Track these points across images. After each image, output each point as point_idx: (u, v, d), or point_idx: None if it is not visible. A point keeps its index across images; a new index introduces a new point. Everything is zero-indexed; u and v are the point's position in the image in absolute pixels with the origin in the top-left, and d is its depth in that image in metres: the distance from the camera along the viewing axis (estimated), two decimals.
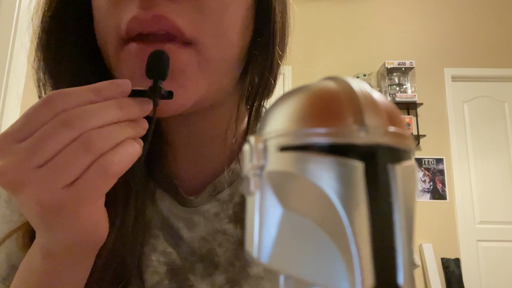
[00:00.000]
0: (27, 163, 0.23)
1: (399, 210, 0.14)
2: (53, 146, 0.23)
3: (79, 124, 0.23)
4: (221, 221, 0.40)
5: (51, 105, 0.24)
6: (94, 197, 0.25)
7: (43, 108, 0.24)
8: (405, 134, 0.15)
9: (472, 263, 2.98)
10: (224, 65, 0.34)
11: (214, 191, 0.41)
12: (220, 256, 0.39)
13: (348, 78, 0.16)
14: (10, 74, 1.34)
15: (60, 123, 0.23)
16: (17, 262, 0.36)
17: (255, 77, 0.37)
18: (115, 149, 0.25)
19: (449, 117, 3.19)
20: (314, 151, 0.14)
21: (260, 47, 0.36)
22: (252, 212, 0.16)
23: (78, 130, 0.23)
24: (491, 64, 3.25)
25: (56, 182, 0.23)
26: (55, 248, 0.28)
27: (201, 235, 0.40)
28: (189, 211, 0.40)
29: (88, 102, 0.25)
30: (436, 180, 3.11)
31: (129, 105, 0.27)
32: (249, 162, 0.16)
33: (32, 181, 0.23)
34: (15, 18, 1.39)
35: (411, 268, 0.14)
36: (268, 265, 0.15)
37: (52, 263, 0.29)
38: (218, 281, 0.38)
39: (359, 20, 3.37)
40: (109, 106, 0.25)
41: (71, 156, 0.23)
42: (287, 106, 0.16)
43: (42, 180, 0.23)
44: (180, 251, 0.39)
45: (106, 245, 0.33)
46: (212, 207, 0.40)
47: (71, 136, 0.23)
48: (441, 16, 3.36)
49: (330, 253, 0.13)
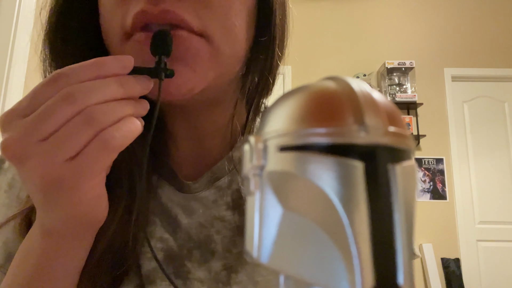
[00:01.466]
0: (31, 136, 0.24)
1: (399, 210, 0.14)
2: (56, 120, 0.24)
3: (81, 99, 0.24)
4: (219, 208, 0.40)
5: (56, 82, 0.25)
6: (95, 171, 0.26)
7: (48, 85, 0.25)
8: (405, 134, 0.15)
9: (472, 263, 2.98)
10: (231, 60, 0.35)
11: (212, 177, 0.41)
12: (217, 243, 0.39)
13: (348, 78, 0.16)
14: (10, 74, 1.34)
15: (63, 98, 0.24)
16: (14, 250, 0.37)
17: (255, 77, 0.38)
18: (116, 125, 0.25)
19: (449, 117, 3.19)
20: (314, 151, 0.14)
21: (261, 48, 0.38)
22: (252, 212, 0.16)
23: (80, 105, 0.24)
24: (491, 64, 3.25)
25: (59, 155, 0.24)
26: (55, 225, 0.28)
27: (199, 221, 0.40)
28: (187, 197, 0.40)
29: (92, 77, 0.25)
30: (436, 180, 3.11)
31: (130, 83, 0.27)
32: (249, 162, 0.16)
33: (35, 154, 0.24)
34: (15, 18, 1.39)
35: (411, 268, 0.14)
36: (268, 265, 0.15)
37: (52, 241, 0.29)
38: (215, 267, 0.38)
39: (359, 20, 3.37)
40: (110, 82, 0.26)
41: (73, 130, 0.24)
42: (287, 106, 0.16)
43: (45, 153, 0.24)
44: (177, 238, 0.39)
45: (108, 230, 0.34)
46: (211, 194, 0.41)
47: (73, 111, 0.24)
48: (441, 16, 3.36)
49: (330, 253, 0.13)
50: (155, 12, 0.30)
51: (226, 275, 0.38)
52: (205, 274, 0.38)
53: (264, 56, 0.38)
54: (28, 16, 1.43)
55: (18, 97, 1.36)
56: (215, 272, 0.38)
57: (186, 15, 0.30)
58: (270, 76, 0.39)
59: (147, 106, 0.29)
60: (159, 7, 0.30)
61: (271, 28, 0.37)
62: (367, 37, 3.34)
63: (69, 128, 0.24)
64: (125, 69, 0.27)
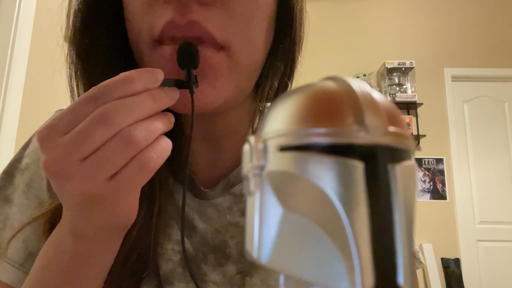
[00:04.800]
0: (71, 156, 0.25)
1: (399, 210, 0.14)
2: (94, 141, 0.25)
3: (119, 120, 0.25)
4: (234, 214, 0.42)
5: (95, 99, 0.26)
6: (134, 189, 0.28)
7: (85, 102, 0.26)
8: (405, 134, 0.15)
9: (472, 263, 2.98)
10: (250, 69, 0.36)
11: (228, 184, 0.42)
12: (232, 248, 0.40)
13: (348, 78, 0.16)
14: (10, 74, 1.34)
15: (99, 119, 0.25)
16: (34, 249, 0.39)
17: (275, 82, 0.40)
18: (152, 145, 0.26)
19: (449, 117, 3.18)
20: (314, 151, 0.14)
21: (280, 54, 0.39)
22: (252, 212, 0.16)
23: (117, 126, 0.25)
24: (491, 64, 3.25)
25: (99, 175, 0.25)
26: (89, 231, 0.30)
27: (214, 227, 0.41)
28: (203, 203, 0.42)
29: (126, 93, 0.26)
30: (436, 180, 3.11)
31: (161, 96, 0.28)
32: (249, 162, 0.16)
33: (77, 173, 0.25)
34: (15, 18, 1.38)
35: (411, 268, 0.14)
36: (268, 265, 0.15)
37: (84, 245, 0.30)
38: (230, 271, 0.39)
39: (359, 20, 3.37)
40: (144, 99, 0.27)
41: (111, 152, 0.25)
42: (287, 106, 0.16)
43: (86, 172, 0.25)
44: (193, 242, 0.40)
45: (132, 232, 0.35)
46: (226, 200, 0.42)
47: (110, 132, 0.25)
48: (441, 16, 3.36)
49: (330, 253, 0.13)
50: (182, 23, 0.31)
51: (241, 279, 0.39)
52: (220, 277, 0.39)
53: (284, 61, 0.39)
54: (28, 16, 1.43)
55: (18, 97, 1.36)
56: (230, 276, 0.39)
57: (211, 27, 0.32)
58: (289, 80, 0.41)
59: (173, 119, 0.30)
60: (187, 18, 0.31)
61: (291, 34, 0.39)
62: (367, 37, 3.34)
63: (107, 150, 0.25)
64: (156, 83, 0.28)
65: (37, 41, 1.44)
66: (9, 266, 0.39)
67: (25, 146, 0.45)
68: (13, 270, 0.39)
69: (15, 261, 0.39)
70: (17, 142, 1.35)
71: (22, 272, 0.39)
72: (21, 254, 0.39)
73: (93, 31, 0.37)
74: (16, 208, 0.41)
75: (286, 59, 0.40)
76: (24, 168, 0.43)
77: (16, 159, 0.44)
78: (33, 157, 0.43)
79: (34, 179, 0.42)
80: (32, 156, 0.43)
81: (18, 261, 0.39)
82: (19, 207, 0.41)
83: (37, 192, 0.42)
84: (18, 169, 0.43)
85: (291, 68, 0.41)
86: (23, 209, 0.41)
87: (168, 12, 0.31)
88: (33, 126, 0.46)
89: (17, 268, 0.39)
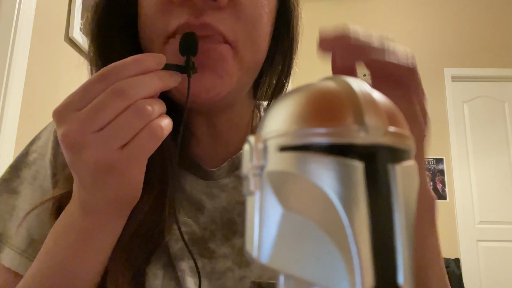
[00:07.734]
0: (88, 127, 0.27)
1: (399, 210, 0.14)
2: (110, 112, 0.27)
3: (133, 93, 0.28)
4: (239, 194, 0.44)
5: (105, 78, 0.29)
6: (143, 157, 0.30)
7: (98, 81, 0.29)
8: (405, 134, 0.15)
9: (472, 263, 2.98)
10: (251, 67, 0.39)
11: (232, 166, 0.45)
12: (239, 224, 0.42)
13: (348, 78, 0.16)
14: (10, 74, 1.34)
15: (114, 93, 0.28)
16: (37, 236, 0.41)
17: (274, 80, 0.44)
18: (160, 117, 0.30)
19: (449, 117, 3.18)
20: (314, 151, 0.14)
21: (278, 54, 0.43)
22: (252, 212, 0.16)
23: (131, 99, 0.28)
24: (491, 64, 3.25)
25: (113, 143, 0.28)
26: (99, 204, 0.32)
27: (222, 205, 0.43)
28: (210, 184, 0.44)
29: (136, 73, 0.29)
30: (436, 180, 3.10)
31: (166, 76, 0.32)
32: (249, 162, 0.16)
33: (92, 143, 0.28)
34: (15, 18, 1.38)
35: (411, 268, 0.14)
36: (268, 265, 0.15)
37: (93, 219, 0.33)
38: (238, 243, 0.41)
39: (359, 20, 3.36)
40: (153, 77, 0.30)
41: (126, 122, 0.28)
42: (287, 106, 0.16)
43: (101, 142, 0.28)
44: (200, 222, 0.42)
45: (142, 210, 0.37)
46: (231, 181, 0.44)
47: (125, 104, 0.28)
48: (441, 16, 3.36)
49: (330, 253, 0.13)
50: (197, 24, 0.34)
51: None
52: (229, 250, 0.41)
53: (282, 61, 0.43)
54: (28, 16, 1.42)
55: (18, 97, 1.36)
56: (238, 248, 0.41)
57: (222, 27, 0.34)
58: (286, 79, 0.45)
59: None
60: (201, 20, 0.34)
61: (289, 37, 0.43)
62: None
63: (122, 120, 0.28)
64: (160, 65, 0.31)
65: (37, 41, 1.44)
66: (12, 252, 0.40)
67: (32, 142, 0.47)
68: (15, 256, 0.40)
69: (17, 247, 0.41)
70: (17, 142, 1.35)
71: (24, 258, 0.40)
72: (24, 240, 0.41)
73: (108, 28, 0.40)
74: (23, 199, 0.43)
75: (284, 60, 0.44)
76: (31, 162, 0.45)
77: (23, 154, 0.46)
78: (40, 152, 0.45)
79: (39, 171, 0.44)
80: (39, 151, 0.45)
81: (20, 247, 0.41)
82: (25, 198, 0.43)
83: (41, 182, 0.44)
84: (25, 163, 0.45)
85: (288, 68, 0.45)
86: (29, 199, 0.43)
87: (184, 15, 0.34)
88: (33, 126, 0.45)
89: (20, 253, 0.40)
